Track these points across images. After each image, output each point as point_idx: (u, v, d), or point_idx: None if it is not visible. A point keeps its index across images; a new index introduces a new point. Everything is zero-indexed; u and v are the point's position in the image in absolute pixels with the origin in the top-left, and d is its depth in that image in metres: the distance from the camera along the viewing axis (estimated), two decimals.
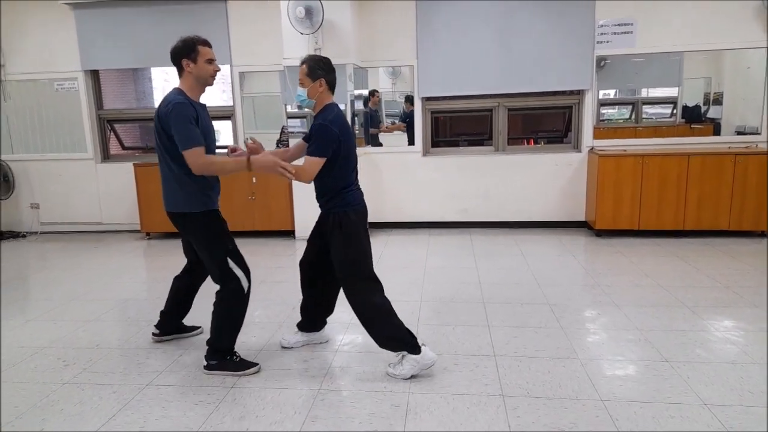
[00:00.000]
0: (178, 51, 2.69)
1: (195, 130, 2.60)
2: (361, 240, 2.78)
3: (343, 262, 2.77)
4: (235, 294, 2.80)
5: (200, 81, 2.74)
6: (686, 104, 6.00)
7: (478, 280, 4.31)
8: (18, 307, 4.07)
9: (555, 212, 6.07)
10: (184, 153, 2.58)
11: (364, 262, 2.79)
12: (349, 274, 2.78)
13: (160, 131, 2.67)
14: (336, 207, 2.75)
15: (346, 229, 2.73)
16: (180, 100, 2.62)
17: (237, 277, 2.79)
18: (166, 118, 2.60)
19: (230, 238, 2.85)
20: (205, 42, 2.73)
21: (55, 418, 2.48)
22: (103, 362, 3.05)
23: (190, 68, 2.69)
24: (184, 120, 2.57)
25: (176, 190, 2.74)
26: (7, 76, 6.51)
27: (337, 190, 2.75)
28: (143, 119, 7.55)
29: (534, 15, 5.72)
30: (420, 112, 6.15)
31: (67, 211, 6.75)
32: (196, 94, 2.76)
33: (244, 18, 6.08)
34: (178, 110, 2.58)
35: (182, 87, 2.73)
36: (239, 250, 2.87)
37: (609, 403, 2.46)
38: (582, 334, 3.26)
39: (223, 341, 2.86)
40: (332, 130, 2.64)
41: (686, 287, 4.01)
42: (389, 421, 2.38)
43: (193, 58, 2.68)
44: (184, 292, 3.25)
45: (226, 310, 2.83)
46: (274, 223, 6.00)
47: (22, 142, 6.70)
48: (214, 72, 2.75)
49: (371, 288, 2.79)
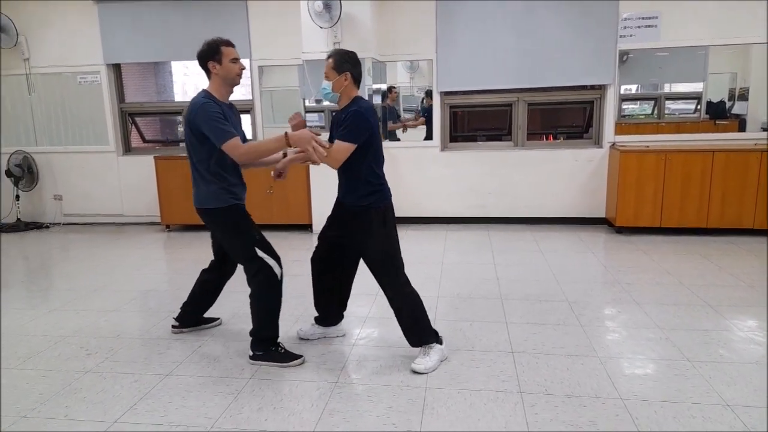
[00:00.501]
0: (204, 54, 2.77)
1: (225, 124, 2.66)
2: (397, 234, 2.84)
3: (384, 257, 2.78)
4: (268, 281, 2.85)
5: (227, 81, 2.80)
6: (710, 100, 5.87)
7: (496, 276, 4.29)
8: (42, 297, 4.16)
9: (574, 208, 6.01)
10: (223, 147, 2.64)
11: (400, 257, 2.82)
12: (390, 268, 2.79)
13: (188, 133, 2.75)
14: (377, 202, 2.75)
15: (389, 223, 2.76)
16: (205, 101, 2.69)
17: (268, 265, 2.84)
18: (195, 121, 2.68)
19: (256, 229, 2.91)
20: (228, 43, 2.80)
21: (78, 405, 2.53)
22: (124, 352, 3.10)
23: (216, 69, 2.77)
24: (212, 117, 2.64)
25: (202, 187, 2.82)
26: (31, 69, 6.62)
27: (375, 185, 2.75)
28: (164, 112, 7.64)
29: (556, 8, 5.64)
30: (438, 106, 6.12)
31: (89, 202, 6.86)
32: (224, 95, 2.83)
33: (264, 12, 6.10)
34: (204, 110, 2.65)
35: (210, 89, 2.80)
36: (266, 239, 2.90)
37: (629, 402, 2.43)
38: (601, 331, 3.22)
39: (264, 330, 2.91)
40: (367, 119, 2.65)
41: (709, 286, 3.95)
42: (406, 415, 2.38)
43: (218, 59, 2.76)
44: (209, 286, 3.30)
45: (261, 298, 2.88)
46: (291, 216, 6.03)
47: (45, 135, 6.82)
48: (239, 70, 2.82)
49: (408, 281, 2.83)
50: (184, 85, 9.84)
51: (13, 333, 3.41)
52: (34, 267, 5.12)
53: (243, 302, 3.54)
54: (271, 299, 2.89)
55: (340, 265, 3.00)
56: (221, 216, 2.85)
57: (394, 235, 2.81)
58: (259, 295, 2.88)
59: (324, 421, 2.35)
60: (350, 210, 2.81)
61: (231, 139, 2.62)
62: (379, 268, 2.81)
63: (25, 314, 3.74)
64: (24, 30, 6.47)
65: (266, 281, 2.85)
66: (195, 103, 2.70)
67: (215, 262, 3.24)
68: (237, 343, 3.18)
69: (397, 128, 6.55)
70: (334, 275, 3.05)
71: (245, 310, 3.56)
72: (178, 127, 7.62)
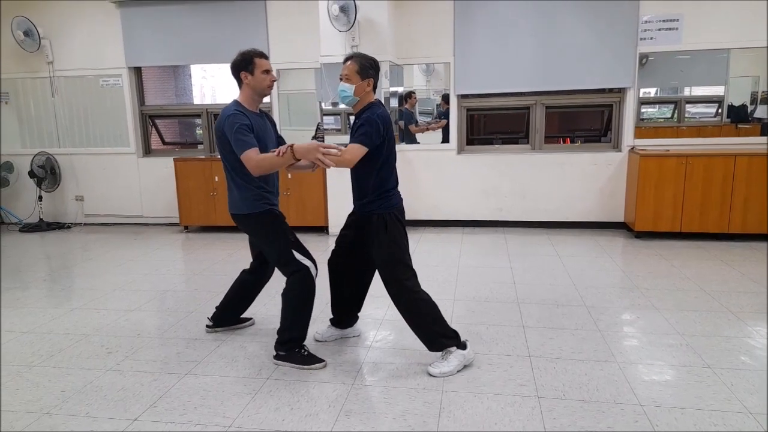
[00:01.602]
0: (237, 64, 2.83)
1: (248, 136, 2.71)
2: (404, 240, 2.82)
3: (388, 263, 2.78)
4: (302, 282, 2.87)
5: (257, 91, 2.86)
6: (732, 103, 5.79)
7: (513, 280, 4.26)
8: (64, 296, 4.23)
9: (592, 212, 5.96)
10: (241, 158, 2.69)
11: (406, 263, 2.81)
12: (394, 274, 2.78)
13: (219, 141, 2.83)
14: (380, 208, 2.76)
15: (391, 230, 2.75)
16: (232, 112, 2.76)
17: (305, 266, 2.87)
18: (223, 130, 2.76)
19: (291, 232, 2.96)
20: (261, 54, 2.86)
21: (99, 403, 2.57)
22: (144, 351, 3.14)
23: (248, 80, 2.83)
24: (237, 128, 2.70)
25: (236, 193, 2.90)
26: (55, 73, 6.75)
27: (381, 191, 2.76)
28: (183, 115, 7.74)
29: (575, 11, 5.61)
30: (456, 109, 6.12)
31: (109, 203, 6.97)
32: (253, 104, 2.89)
33: (283, 15, 6.15)
34: (231, 121, 2.72)
35: (240, 98, 2.87)
36: (301, 242, 2.95)
37: (648, 409, 2.40)
38: (620, 337, 3.19)
39: (290, 332, 2.92)
40: (380, 125, 2.66)
41: (730, 292, 3.89)
42: (423, 418, 2.38)
43: (250, 70, 2.81)
44: (247, 287, 3.34)
45: (292, 299, 2.90)
46: (308, 218, 6.06)
47: (68, 137, 6.94)
48: (270, 82, 2.87)
49: (416, 286, 2.81)
50: (202, 88, 9.96)
51: (36, 331, 3.48)
52: (56, 266, 5.22)
53: (263, 304, 3.57)
54: (303, 301, 2.91)
55: (356, 268, 3.01)
56: (255, 221, 2.91)
57: (399, 241, 2.79)
58: (292, 297, 2.90)
59: (341, 422, 2.36)
60: (359, 215, 2.86)
61: (247, 150, 2.67)
62: (382, 273, 2.82)
63: (48, 312, 3.81)
64: (48, 34, 6.59)
65: (301, 283, 2.87)
66: (224, 113, 2.78)
67: (255, 265, 3.29)
68: (254, 344, 3.20)
69: (420, 132, 6.54)
70: (351, 278, 3.06)
71: (264, 313, 3.61)
72: (197, 129, 7.71)
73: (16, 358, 3.09)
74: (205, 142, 6.94)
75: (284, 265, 2.92)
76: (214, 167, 6.22)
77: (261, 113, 2.96)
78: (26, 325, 3.57)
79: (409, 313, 2.81)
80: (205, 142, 6.92)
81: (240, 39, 6.24)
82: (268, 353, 3.02)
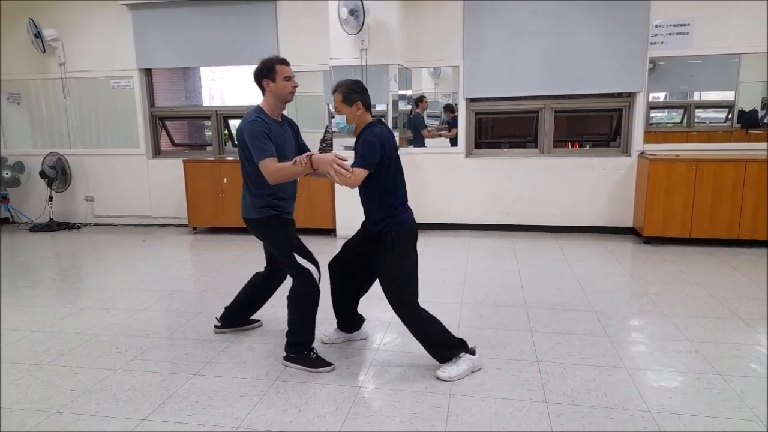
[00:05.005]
0: (259, 72, 2.87)
1: (267, 143, 2.74)
2: (411, 259, 2.82)
3: (393, 281, 2.79)
4: (304, 286, 2.89)
5: (279, 98, 2.89)
6: (742, 108, 5.75)
7: (521, 284, 4.26)
8: (74, 295, 4.26)
9: (601, 217, 5.93)
10: (259, 165, 2.72)
11: (412, 282, 2.81)
12: (399, 293, 2.79)
13: (240, 148, 2.86)
14: (389, 226, 2.76)
15: (399, 249, 2.75)
16: (253, 119, 2.79)
17: (306, 270, 2.89)
18: (243, 137, 2.79)
19: (295, 236, 2.99)
20: (282, 61, 2.90)
21: (108, 402, 2.59)
22: (153, 351, 3.16)
23: (270, 87, 2.86)
24: (256, 135, 2.73)
25: (248, 198, 2.95)
26: (66, 74, 6.81)
27: (389, 209, 2.76)
28: (192, 117, 7.78)
29: (585, 15, 5.60)
30: (464, 113, 6.12)
31: (119, 204, 7.01)
32: (276, 111, 2.92)
33: (293, 18, 6.18)
34: (251, 128, 2.75)
35: (263, 105, 2.90)
36: (305, 245, 2.96)
37: (657, 415, 2.39)
38: (629, 343, 3.17)
39: (297, 334, 2.94)
40: (376, 143, 2.65)
41: (740, 298, 3.86)
42: (430, 421, 2.38)
43: (272, 77, 2.84)
44: (257, 291, 3.36)
45: (296, 302, 2.92)
46: (316, 220, 6.07)
47: (79, 138, 7.00)
48: (292, 88, 2.90)
49: (416, 306, 2.81)
50: (211, 90, 10.01)
51: (46, 330, 3.51)
52: (65, 266, 5.26)
53: (271, 306, 3.58)
54: (306, 304, 2.92)
55: (357, 276, 3.05)
56: (261, 226, 2.95)
57: (405, 262, 2.79)
58: (296, 299, 2.92)
59: (348, 425, 2.36)
60: (369, 231, 2.88)
61: (265, 158, 2.70)
62: (386, 291, 2.82)
63: (58, 312, 3.84)
64: (60, 35, 6.66)
65: (303, 286, 2.89)
66: (245, 120, 2.81)
67: (268, 269, 3.31)
68: (263, 345, 3.21)
69: (432, 137, 6.54)
70: (352, 284, 3.09)
71: (272, 314, 3.62)
72: (206, 131, 7.75)
73: (26, 356, 3.12)
74: (214, 143, 6.97)
75: (287, 268, 2.96)
76: (223, 169, 6.25)
77: (283, 120, 2.99)
78: (36, 324, 3.60)
79: (416, 332, 2.84)
80: (214, 144, 6.96)
81: (250, 41, 6.29)
82: (276, 354, 3.04)
